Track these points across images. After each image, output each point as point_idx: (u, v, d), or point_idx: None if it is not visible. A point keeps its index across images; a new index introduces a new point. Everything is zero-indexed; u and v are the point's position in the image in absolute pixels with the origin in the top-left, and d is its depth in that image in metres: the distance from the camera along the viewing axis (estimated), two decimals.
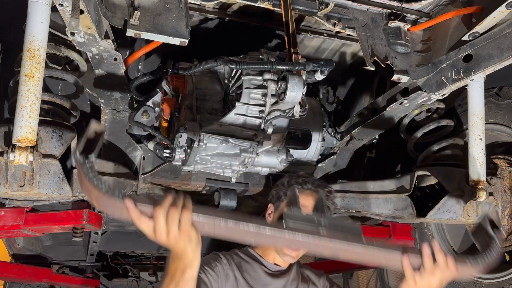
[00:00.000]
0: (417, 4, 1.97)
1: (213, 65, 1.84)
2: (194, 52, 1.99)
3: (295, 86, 1.67)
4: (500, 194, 2.16)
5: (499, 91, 2.30)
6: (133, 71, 2.26)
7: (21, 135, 1.44)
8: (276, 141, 1.94)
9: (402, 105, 2.10)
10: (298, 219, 1.25)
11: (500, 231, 1.42)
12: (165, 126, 2.08)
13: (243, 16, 2.04)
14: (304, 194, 1.79)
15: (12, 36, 1.96)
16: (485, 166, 1.95)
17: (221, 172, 2.01)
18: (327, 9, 1.89)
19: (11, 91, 1.74)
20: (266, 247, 1.85)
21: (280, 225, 1.22)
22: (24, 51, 1.43)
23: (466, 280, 2.36)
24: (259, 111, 1.82)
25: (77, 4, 1.34)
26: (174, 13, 1.65)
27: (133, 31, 1.57)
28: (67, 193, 1.68)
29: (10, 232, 1.97)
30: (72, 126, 1.76)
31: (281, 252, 1.78)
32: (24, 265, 3.26)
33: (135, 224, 1.14)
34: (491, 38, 1.69)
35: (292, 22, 1.80)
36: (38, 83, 1.45)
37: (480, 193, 1.96)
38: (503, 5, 1.59)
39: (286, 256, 1.77)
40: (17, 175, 1.56)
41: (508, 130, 2.24)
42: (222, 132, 1.82)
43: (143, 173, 2.08)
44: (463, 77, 1.79)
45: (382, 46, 1.95)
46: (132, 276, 4.49)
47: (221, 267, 1.71)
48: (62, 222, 1.97)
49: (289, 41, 1.78)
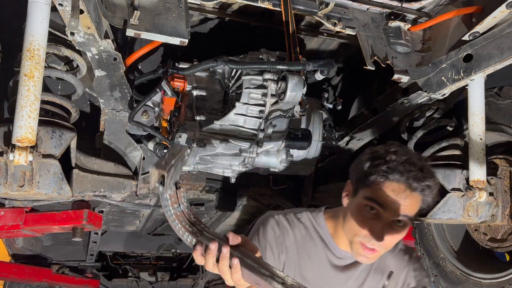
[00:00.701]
0: (417, 4, 1.97)
1: (213, 65, 1.84)
2: (194, 52, 1.99)
3: (295, 86, 1.67)
4: (500, 194, 2.16)
5: (499, 91, 2.30)
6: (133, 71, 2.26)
7: (20, 135, 1.44)
8: (276, 141, 1.94)
9: (402, 105, 2.10)
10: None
11: None
12: (165, 126, 2.08)
13: (243, 16, 2.04)
14: (390, 189, 1.36)
15: (12, 36, 1.96)
16: (485, 166, 1.95)
17: (221, 172, 2.00)
18: (327, 9, 1.89)
19: (11, 91, 1.74)
20: (340, 225, 1.52)
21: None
22: (23, 51, 1.43)
23: (466, 280, 2.36)
24: (259, 111, 1.82)
25: (76, 4, 1.33)
26: (174, 13, 1.65)
27: (133, 31, 1.57)
28: (67, 193, 1.67)
29: (10, 232, 1.97)
30: (72, 126, 1.76)
31: (355, 246, 1.45)
32: (24, 265, 3.26)
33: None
34: (491, 38, 1.69)
35: (292, 22, 1.80)
36: (37, 83, 1.45)
37: (481, 193, 1.96)
38: (503, 5, 1.59)
39: (360, 256, 1.45)
40: (17, 175, 1.56)
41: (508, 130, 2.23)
42: (222, 132, 1.81)
43: (143, 173, 2.07)
44: (464, 77, 1.78)
45: (382, 46, 1.95)
46: (132, 276, 4.50)
47: (271, 253, 1.52)
48: (62, 222, 1.96)
49: (289, 41, 1.78)
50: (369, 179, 1.39)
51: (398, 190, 1.35)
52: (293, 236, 1.56)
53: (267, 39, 2.17)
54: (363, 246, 1.41)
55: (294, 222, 1.58)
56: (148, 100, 1.96)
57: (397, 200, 1.35)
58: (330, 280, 1.56)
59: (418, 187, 1.35)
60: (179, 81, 1.96)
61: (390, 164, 1.36)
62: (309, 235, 1.57)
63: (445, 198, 2.05)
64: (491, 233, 2.25)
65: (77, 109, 1.87)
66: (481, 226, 2.28)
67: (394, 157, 1.37)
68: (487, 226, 2.25)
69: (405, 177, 1.34)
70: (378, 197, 1.37)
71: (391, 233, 1.39)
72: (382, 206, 1.37)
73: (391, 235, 1.39)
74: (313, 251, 1.55)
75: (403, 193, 1.35)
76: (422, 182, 1.35)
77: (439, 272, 2.50)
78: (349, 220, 1.46)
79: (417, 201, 1.38)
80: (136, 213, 3.10)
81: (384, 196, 1.36)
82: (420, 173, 1.35)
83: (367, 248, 1.41)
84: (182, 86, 1.99)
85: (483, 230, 2.28)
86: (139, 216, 3.20)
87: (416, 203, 1.38)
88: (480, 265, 2.35)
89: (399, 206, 1.35)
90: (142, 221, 3.33)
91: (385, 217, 1.38)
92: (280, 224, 1.58)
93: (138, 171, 2.07)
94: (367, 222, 1.40)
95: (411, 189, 1.35)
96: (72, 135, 1.69)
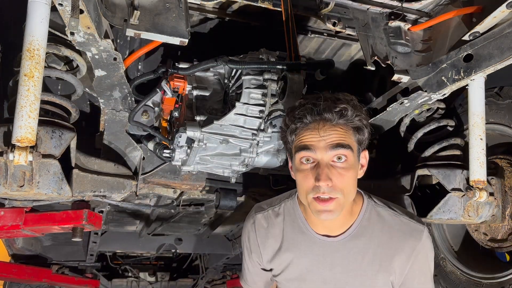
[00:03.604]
0: (418, 4, 1.97)
1: (213, 65, 1.84)
2: (194, 52, 1.99)
3: (295, 86, 1.66)
4: (501, 194, 2.16)
5: (499, 91, 2.30)
6: (133, 71, 2.26)
7: (20, 135, 1.44)
8: (276, 141, 1.93)
9: (402, 105, 2.09)
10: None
11: None
12: (165, 126, 2.08)
13: (243, 16, 2.04)
14: (310, 131, 1.37)
15: (12, 36, 1.96)
16: (486, 166, 1.95)
17: (221, 172, 2.00)
18: (327, 9, 1.89)
19: (11, 91, 1.74)
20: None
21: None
22: (23, 51, 1.43)
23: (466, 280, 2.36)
24: (259, 111, 1.82)
25: (76, 4, 1.33)
26: (174, 12, 1.65)
27: (132, 31, 1.57)
28: (67, 193, 1.67)
29: (9, 232, 1.97)
30: (72, 126, 1.75)
31: (311, 206, 1.39)
32: (24, 265, 3.25)
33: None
34: (491, 38, 1.69)
35: (292, 22, 1.80)
36: (37, 83, 1.44)
37: (481, 193, 1.96)
38: (504, 5, 1.59)
39: (320, 213, 1.37)
40: (17, 175, 1.56)
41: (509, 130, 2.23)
42: (222, 132, 1.81)
43: (143, 173, 2.07)
44: (464, 77, 1.78)
45: (383, 46, 1.95)
46: (132, 277, 4.49)
47: (256, 256, 1.64)
48: (61, 222, 1.96)
49: (289, 41, 1.78)
50: (292, 136, 1.41)
51: (315, 128, 1.35)
52: (273, 235, 1.60)
53: (267, 39, 2.18)
54: (317, 200, 1.36)
55: (272, 220, 1.61)
56: (148, 100, 1.96)
57: (320, 138, 1.34)
58: (321, 271, 1.54)
59: (332, 116, 1.34)
60: (179, 81, 1.96)
61: (300, 109, 1.38)
62: (291, 226, 1.57)
63: (445, 198, 2.06)
64: (491, 233, 2.25)
65: (77, 109, 1.87)
66: (481, 226, 2.28)
67: (302, 101, 1.40)
68: (488, 226, 2.25)
69: (316, 113, 1.34)
70: (303, 144, 1.37)
71: (337, 172, 1.35)
72: (310, 149, 1.35)
73: (338, 174, 1.35)
74: (299, 242, 1.55)
75: (322, 128, 1.34)
76: (334, 109, 1.34)
77: (439, 272, 2.50)
78: (297, 185, 1.45)
79: (343, 130, 1.36)
80: (136, 213, 3.10)
81: (306, 140, 1.36)
82: (329, 102, 1.36)
83: (321, 201, 1.35)
84: (182, 86, 1.99)
85: (483, 230, 2.28)
86: (139, 216, 3.19)
87: (343, 133, 1.36)
88: (480, 265, 2.35)
89: (325, 142, 1.33)
90: (142, 221, 3.33)
91: (320, 160, 1.36)
92: (258, 225, 1.63)
93: (138, 171, 2.07)
94: (308, 175, 1.38)
95: (325, 120, 1.35)
96: (72, 135, 1.69)
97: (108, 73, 1.77)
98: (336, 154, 1.36)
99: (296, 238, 1.56)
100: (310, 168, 1.38)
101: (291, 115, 1.41)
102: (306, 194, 1.40)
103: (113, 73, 1.77)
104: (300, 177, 1.42)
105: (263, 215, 1.64)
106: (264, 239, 1.63)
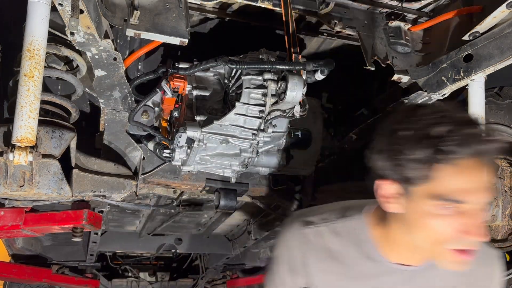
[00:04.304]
0: (418, 4, 1.97)
1: (213, 65, 1.83)
2: (194, 52, 1.99)
3: (295, 86, 1.66)
4: (501, 194, 2.16)
5: (499, 91, 2.30)
6: (133, 71, 2.26)
7: (20, 135, 1.44)
8: (276, 141, 1.93)
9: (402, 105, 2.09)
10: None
11: None
12: (165, 126, 2.08)
13: (243, 16, 2.04)
14: (466, 169, 1.00)
15: (12, 36, 1.96)
16: None
17: (221, 172, 2.00)
18: (327, 9, 1.89)
19: (11, 91, 1.74)
20: (397, 235, 1.20)
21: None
22: (23, 51, 1.43)
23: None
24: (259, 111, 1.82)
25: (76, 4, 1.33)
26: (174, 12, 1.65)
27: (132, 31, 1.57)
28: (67, 193, 1.67)
29: (9, 232, 1.97)
30: (72, 126, 1.76)
31: (443, 256, 1.11)
32: (24, 265, 3.25)
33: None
34: (491, 38, 1.69)
35: (292, 21, 1.80)
36: (37, 83, 1.44)
37: None
38: (504, 5, 1.59)
39: (455, 264, 1.11)
40: (17, 175, 1.56)
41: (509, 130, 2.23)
42: (222, 132, 1.81)
43: (143, 173, 2.07)
44: (464, 77, 1.78)
45: (383, 46, 1.95)
46: (132, 277, 4.50)
47: (301, 271, 1.33)
48: (61, 222, 1.96)
49: (289, 41, 1.78)
50: (426, 172, 1.02)
51: (468, 171, 0.99)
52: (332, 258, 1.32)
53: (267, 39, 2.18)
54: (458, 252, 1.08)
55: (327, 239, 1.32)
56: (148, 100, 1.95)
57: (473, 183, 1.00)
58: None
59: (489, 151, 0.99)
60: (179, 81, 1.96)
61: (445, 140, 0.97)
62: (356, 252, 1.30)
63: None
64: (491, 233, 2.25)
65: (77, 109, 1.87)
66: None
67: (443, 128, 0.98)
68: (487, 226, 2.25)
69: (470, 149, 0.97)
70: (450, 192, 1.02)
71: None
72: (459, 202, 1.03)
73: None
74: (367, 269, 1.29)
75: (476, 170, 1.00)
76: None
77: None
78: (419, 228, 1.12)
79: (493, 168, 1.05)
80: (136, 213, 3.10)
81: (456, 188, 1.01)
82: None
83: (463, 253, 1.08)
84: (182, 86, 1.99)
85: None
86: (139, 216, 3.20)
87: (493, 171, 1.05)
88: None
89: (480, 188, 1.01)
90: (142, 221, 3.33)
91: (473, 209, 1.04)
92: (308, 243, 1.33)
93: (138, 171, 2.07)
94: (451, 224, 1.06)
95: (482, 159, 1.00)
96: (72, 135, 1.69)
97: (108, 73, 1.77)
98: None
99: (363, 265, 1.31)
100: (453, 214, 1.05)
101: (427, 142, 1.01)
102: (440, 244, 1.09)
103: (113, 73, 1.77)
104: (437, 225, 1.07)
105: (314, 230, 1.34)
106: (317, 261, 1.34)
